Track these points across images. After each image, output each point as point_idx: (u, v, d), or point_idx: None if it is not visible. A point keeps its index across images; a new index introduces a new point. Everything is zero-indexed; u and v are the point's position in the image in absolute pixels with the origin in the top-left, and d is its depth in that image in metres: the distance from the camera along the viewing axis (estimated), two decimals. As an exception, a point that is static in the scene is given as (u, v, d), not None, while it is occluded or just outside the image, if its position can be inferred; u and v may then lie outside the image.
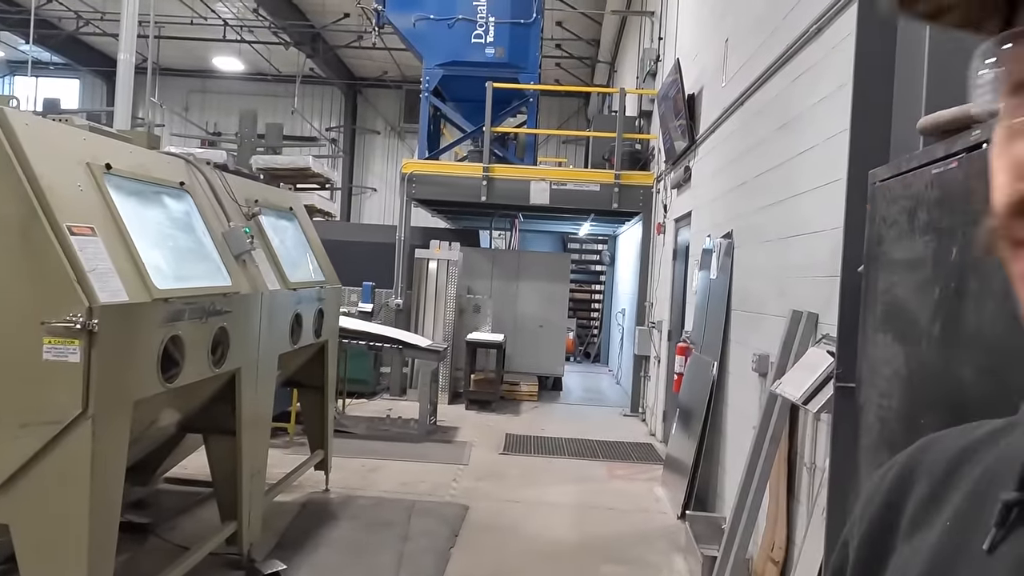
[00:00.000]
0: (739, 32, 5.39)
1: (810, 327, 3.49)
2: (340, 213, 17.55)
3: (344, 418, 7.68)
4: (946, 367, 1.58)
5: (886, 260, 1.91)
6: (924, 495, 0.53)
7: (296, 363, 4.86)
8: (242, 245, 3.71)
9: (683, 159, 7.26)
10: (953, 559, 0.47)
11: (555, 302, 10.98)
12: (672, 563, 4.62)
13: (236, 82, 18.87)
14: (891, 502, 0.55)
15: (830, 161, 3.31)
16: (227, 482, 3.75)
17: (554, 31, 14.82)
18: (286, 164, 10.72)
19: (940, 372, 1.60)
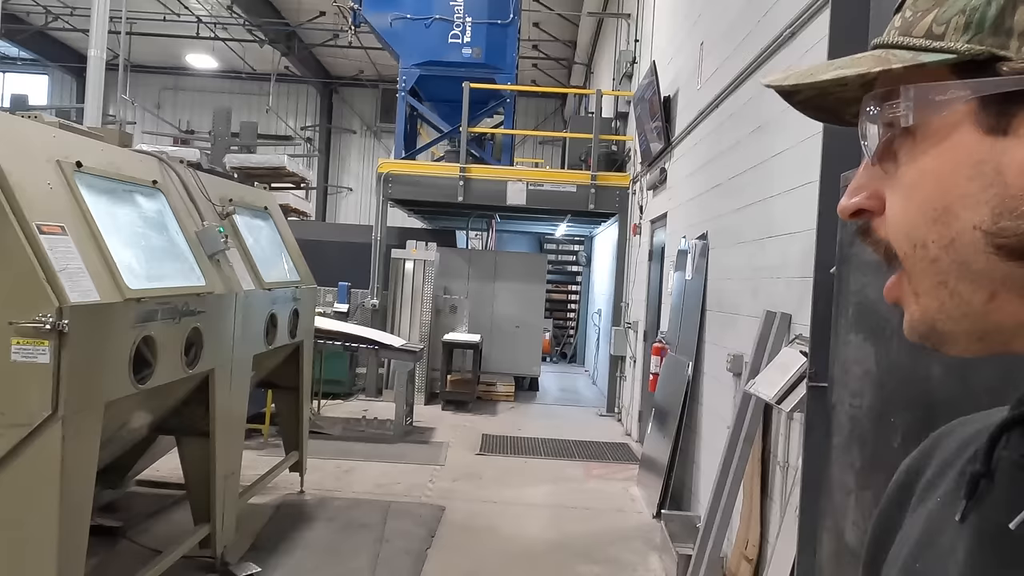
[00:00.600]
0: (714, 36, 5.44)
1: (783, 327, 3.53)
2: (315, 213, 17.42)
3: (319, 419, 7.62)
4: (915, 366, 1.61)
5: (858, 261, 1.94)
6: (932, 474, 0.57)
7: (271, 364, 4.82)
8: (216, 245, 3.67)
9: (659, 161, 7.32)
10: (937, 530, 0.51)
11: (532, 303, 11.00)
12: (648, 562, 4.65)
13: (210, 80, 18.65)
14: (906, 482, 0.60)
15: (803, 164, 3.36)
16: (200, 484, 3.71)
17: (531, 32, 14.85)
18: (261, 163, 10.62)
19: (909, 371, 1.63)
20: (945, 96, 0.43)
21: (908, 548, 0.53)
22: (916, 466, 0.60)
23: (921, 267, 0.45)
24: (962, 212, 0.42)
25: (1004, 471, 0.47)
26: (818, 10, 3.34)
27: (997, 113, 0.41)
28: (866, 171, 0.49)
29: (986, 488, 0.48)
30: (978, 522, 0.47)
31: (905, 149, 0.45)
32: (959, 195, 0.42)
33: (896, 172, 0.46)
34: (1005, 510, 0.45)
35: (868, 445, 1.79)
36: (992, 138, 0.41)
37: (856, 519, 1.80)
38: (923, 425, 1.55)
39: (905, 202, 0.45)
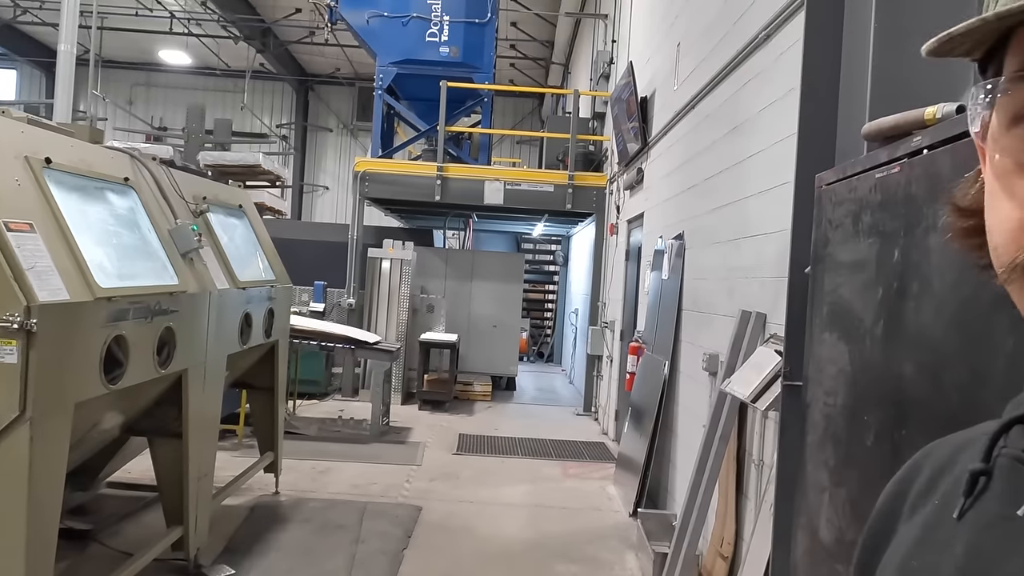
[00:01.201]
0: (690, 37, 5.48)
1: (758, 327, 3.56)
2: (291, 211, 17.26)
3: (295, 419, 7.56)
4: (888, 365, 1.63)
5: (832, 261, 1.96)
6: (924, 484, 0.56)
7: (245, 364, 4.77)
8: (189, 243, 3.62)
9: (636, 161, 7.35)
10: (934, 529, 0.51)
11: (509, 302, 11.00)
12: (624, 560, 4.67)
13: (183, 76, 18.40)
14: (898, 492, 0.59)
15: (778, 164, 3.39)
16: (173, 486, 3.66)
17: (508, 31, 14.84)
18: (235, 161, 10.48)
19: (882, 370, 1.65)
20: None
21: (905, 549, 0.53)
22: (907, 476, 0.59)
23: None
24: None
25: (1003, 467, 0.47)
26: (793, 12, 3.37)
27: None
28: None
29: (984, 486, 0.47)
30: (976, 517, 0.47)
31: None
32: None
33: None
34: (1005, 501, 0.45)
35: (842, 443, 1.81)
36: None
37: (830, 516, 1.82)
38: (895, 423, 1.57)
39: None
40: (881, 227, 1.68)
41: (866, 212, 1.76)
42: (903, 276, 1.56)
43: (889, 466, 1.56)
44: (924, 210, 1.50)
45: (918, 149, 1.56)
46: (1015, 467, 0.46)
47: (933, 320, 1.46)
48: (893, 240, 1.62)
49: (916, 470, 0.58)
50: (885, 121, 1.79)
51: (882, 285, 1.66)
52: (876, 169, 1.73)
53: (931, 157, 1.51)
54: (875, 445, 1.64)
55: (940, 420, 1.42)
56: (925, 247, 1.48)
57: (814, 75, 2.59)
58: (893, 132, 1.75)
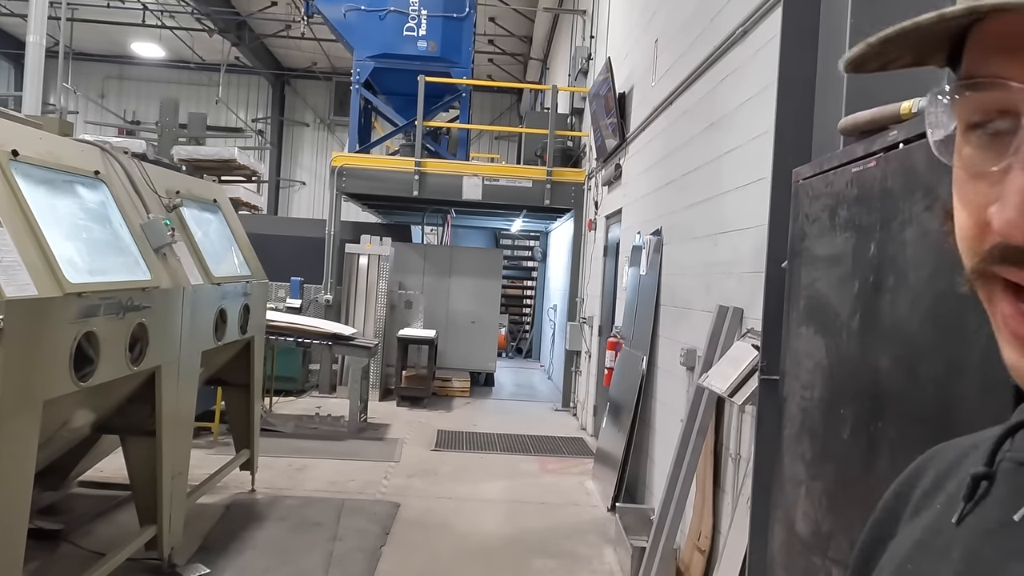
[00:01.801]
0: (668, 33, 5.49)
1: (735, 321, 3.58)
2: (267, 207, 17.10)
3: (271, 416, 7.49)
4: (864, 358, 1.64)
5: (809, 256, 1.97)
6: (928, 486, 0.55)
7: (220, 360, 4.71)
8: (162, 238, 3.56)
9: (614, 157, 7.36)
10: (934, 534, 0.50)
11: (487, 298, 10.98)
12: (602, 555, 4.69)
13: (156, 69, 18.13)
14: (900, 492, 0.58)
15: (755, 160, 3.41)
16: (146, 485, 3.61)
17: (487, 27, 14.79)
18: (210, 155, 10.36)
19: (859, 363, 1.66)
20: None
21: (903, 552, 0.52)
22: (911, 479, 0.58)
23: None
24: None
25: (1005, 471, 0.46)
26: (769, 9, 3.38)
27: None
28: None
29: (986, 491, 0.46)
30: (976, 522, 0.46)
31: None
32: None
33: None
34: (1006, 506, 0.43)
35: (819, 437, 1.82)
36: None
37: (807, 509, 1.83)
38: (871, 416, 1.58)
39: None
40: (857, 221, 1.69)
41: (842, 206, 1.77)
42: (879, 270, 1.57)
43: (865, 459, 1.57)
44: (900, 204, 1.51)
45: (894, 143, 1.57)
46: (1018, 471, 0.45)
47: (909, 313, 1.47)
48: (869, 234, 1.63)
49: (920, 472, 0.57)
50: (861, 116, 1.80)
51: (858, 279, 1.67)
52: (852, 163, 1.73)
53: (907, 151, 1.51)
54: (851, 438, 1.65)
55: (916, 413, 1.43)
56: (901, 241, 1.49)
57: (791, 71, 2.61)
58: (869, 127, 1.76)
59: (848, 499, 1.63)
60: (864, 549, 0.59)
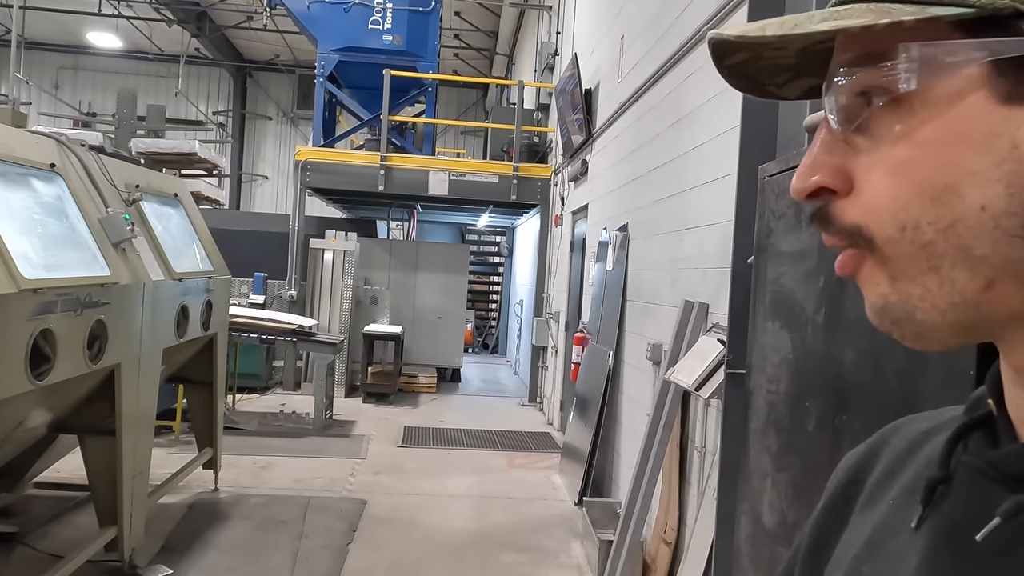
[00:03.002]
0: (634, 29, 5.52)
1: (701, 316, 3.62)
2: (229, 201, 16.82)
3: (235, 414, 7.38)
4: (829, 352, 1.67)
5: (774, 251, 2.00)
6: (881, 473, 0.54)
7: (182, 357, 4.63)
8: (121, 232, 3.48)
9: (580, 152, 7.39)
10: (888, 534, 0.49)
11: (454, 293, 10.96)
12: (570, 548, 4.71)
13: (113, 60, 17.70)
14: (853, 479, 0.57)
15: (721, 156, 3.45)
16: (106, 485, 3.53)
17: (452, 21, 14.73)
18: (170, 148, 10.15)
19: (823, 357, 1.69)
20: (957, 58, 0.38)
21: (856, 550, 0.51)
22: (863, 464, 0.57)
23: (909, 252, 0.40)
24: (968, 191, 0.37)
25: (963, 477, 0.45)
26: (735, 7, 3.42)
27: (1016, 79, 0.37)
28: (822, 147, 0.43)
29: (943, 494, 0.45)
30: (935, 530, 0.45)
31: (893, 120, 0.40)
32: (966, 172, 0.37)
33: (873, 147, 0.41)
34: (965, 518, 0.43)
35: (784, 429, 1.85)
36: (1007, 108, 0.37)
37: (772, 501, 1.86)
38: (836, 409, 1.61)
39: (892, 178, 0.40)
40: (822, 217, 1.72)
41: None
42: (844, 265, 1.60)
43: (830, 451, 1.60)
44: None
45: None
46: (976, 479, 0.44)
47: (872, 308, 1.50)
48: (834, 230, 1.65)
49: (873, 459, 0.57)
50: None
51: (823, 274, 1.69)
52: (817, 161, 1.76)
53: (871, 149, 1.54)
54: (816, 430, 1.68)
55: (879, 405, 1.46)
56: (865, 237, 1.52)
57: (756, 68, 2.63)
58: (834, 124, 1.78)
59: (813, 490, 1.66)
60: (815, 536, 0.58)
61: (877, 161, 0.41)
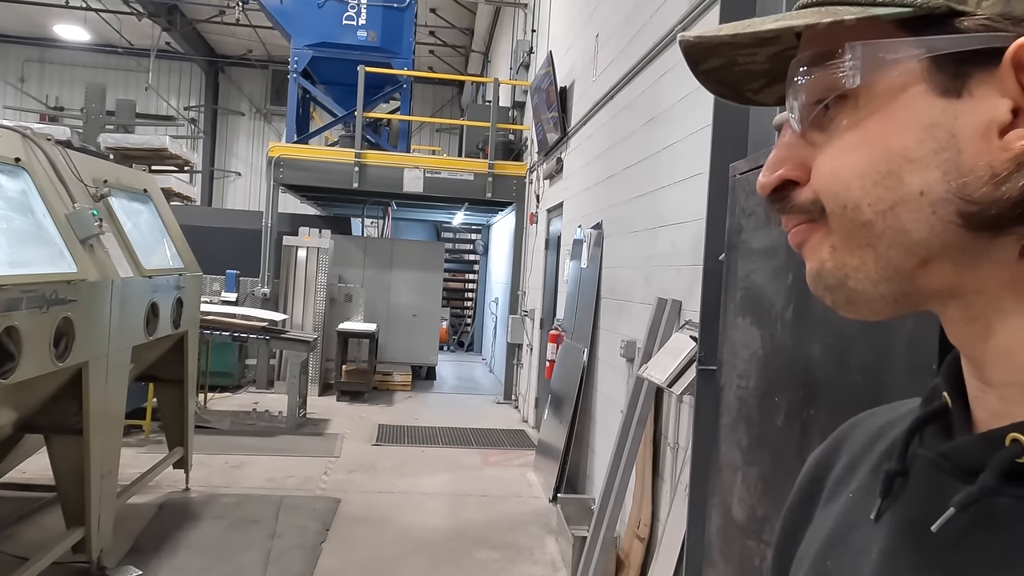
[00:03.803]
0: (608, 28, 5.54)
1: (674, 313, 3.65)
2: (201, 197, 16.62)
3: (206, 413, 7.30)
4: (797, 348, 1.69)
5: (745, 249, 2.02)
6: (842, 468, 0.55)
7: (152, 356, 4.56)
8: (89, 228, 3.42)
9: (555, 150, 7.40)
10: (849, 527, 0.49)
11: (429, 291, 10.93)
12: (544, 545, 4.73)
13: (81, 53, 17.37)
14: (816, 475, 0.58)
15: (693, 155, 3.48)
16: (73, 485, 3.47)
17: (428, 18, 14.68)
18: (140, 144, 9.99)
19: (792, 353, 1.71)
20: (897, 55, 0.40)
21: (819, 544, 0.52)
22: (825, 460, 0.59)
23: (849, 228, 0.42)
24: (908, 176, 0.40)
25: (919, 469, 0.46)
26: (707, 7, 3.45)
27: (952, 74, 0.39)
28: (786, 144, 0.46)
29: (901, 487, 0.46)
30: (893, 521, 0.46)
31: (843, 115, 0.42)
32: (906, 159, 0.40)
33: (827, 141, 0.43)
34: (921, 509, 0.44)
35: (754, 424, 1.87)
36: (945, 100, 0.39)
37: (743, 495, 1.89)
38: (804, 403, 1.63)
39: (839, 161, 0.42)
40: (791, 215, 1.74)
41: (777, 200, 1.82)
42: (812, 262, 1.62)
43: (798, 445, 1.63)
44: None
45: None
46: (931, 471, 0.45)
47: (839, 304, 1.52)
48: (802, 227, 1.68)
49: (835, 454, 0.58)
50: (795, 113, 1.85)
51: (792, 271, 1.72)
52: (787, 159, 1.78)
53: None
54: (785, 425, 1.71)
55: (846, 399, 1.48)
56: (832, 234, 1.54)
57: (728, 68, 2.66)
58: (803, 123, 1.81)
59: (782, 484, 1.69)
60: (783, 535, 0.59)
61: (832, 150, 0.43)
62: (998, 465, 0.39)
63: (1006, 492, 0.39)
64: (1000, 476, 0.39)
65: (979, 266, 0.40)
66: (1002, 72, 0.37)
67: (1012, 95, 0.38)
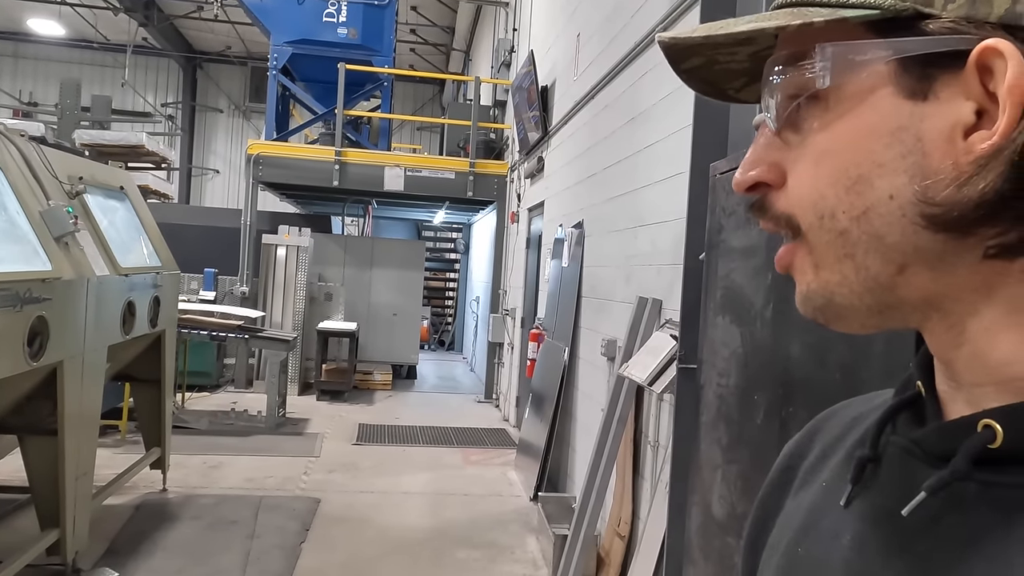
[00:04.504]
0: (590, 28, 5.56)
1: (655, 312, 3.67)
2: (179, 195, 16.44)
3: (184, 413, 7.22)
4: (776, 347, 1.71)
5: (725, 248, 2.04)
6: (815, 457, 0.56)
7: (129, 355, 4.51)
8: (64, 226, 3.37)
9: (536, 149, 7.41)
10: (821, 514, 0.50)
11: (409, 290, 10.89)
12: (525, 544, 4.73)
13: (56, 48, 17.11)
14: (789, 465, 0.59)
15: (673, 155, 3.49)
16: (48, 486, 3.42)
17: (409, 16, 14.62)
18: (116, 140, 9.88)
19: (771, 352, 1.73)
20: (865, 56, 0.40)
21: (791, 533, 0.52)
22: (799, 450, 0.59)
23: (827, 239, 0.42)
24: (878, 181, 0.40)
25: (891, 456, 0.46)
26: (688, 7, 3.47)
27: (919, 76, 0.39)
28: (762, 144, 0.46)
29: (872, 473, 0.47)
30: (864, 507, 0.46)
31: (814, 116, 0.43)
32: (875, 163, 0.40)
33: (801, 142, 0.43)
34: (892, 495, 0.44)
35: (734, 422, 1.89)
36: (912, 103, 0.39)
37: (723, 493, 1.90)
38: (783, 401, 1.64)
39: (813, 170, 0.43)
40: (771, 214, 1.76)
41: (757, 200, 1.84)
42: (791, 261, 1.64)
43: (777, 442, 1.64)
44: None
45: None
46: (903, 458, 0.45)
47: (818, 303, 1.54)
48: (782, 227, 1.69)
49: (808, 444, 0.59)
50: (775, 113, 1.86)
51: (771, 270, 1.73)
52: (766, 159, 1.80)
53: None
54: (764, 423, 1.72)
55: (824, 397, 1.50)
56: (811, 234, 1.55)
57: (708, 68, 2.67)
58: (782, 124, 1.82)
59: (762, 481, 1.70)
60: (755, 524, 0.60)
61: (802, 154, 0.43)
62: (969, 450, 0.40)
63: (975, 478, 0.40)
64: (971, 461, 0.39)
65: (955, 271, 0.40)
66: (966, 75, 0.38)
67: (976, 97, 0.38)
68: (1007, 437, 0.39)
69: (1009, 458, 0.39)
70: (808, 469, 0.56)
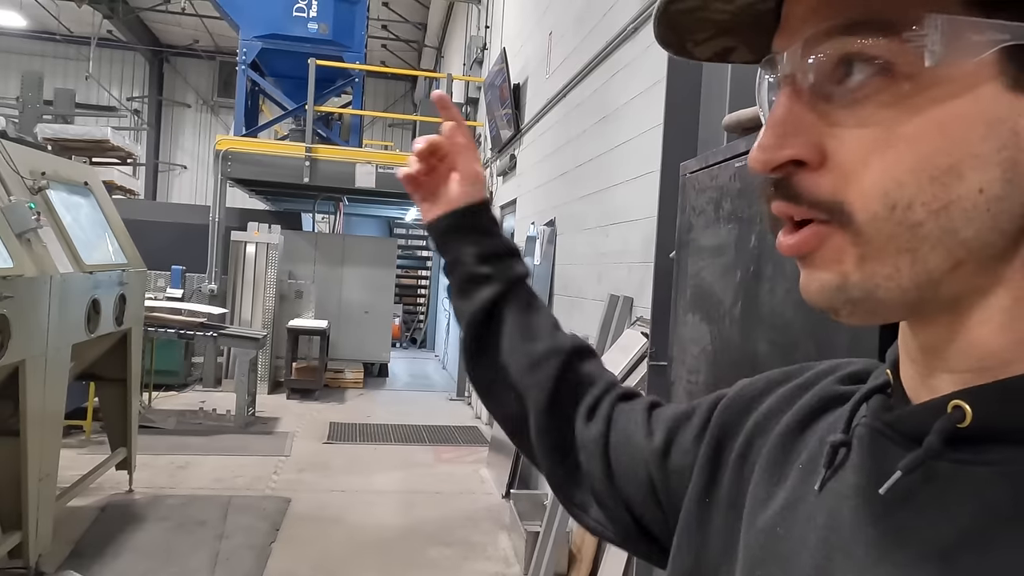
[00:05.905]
0: (562, 26, 5.57)
1: (626, 310, 3.69)
2: (145, 191, 16.16)
3: (150, 412, 7.11)
4: (744, 344, 1.73)
5: (695, 246, 2.06)
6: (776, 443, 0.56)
7: (94, 354, 4.43)
8: (26, 222, 3.31)
9: (509, 147, 7.41)
10: (798, 499, 0.50)
11: (381, 288, 10.83)
12: (497, 541, 4.74)
13: (16, 40, 16.70)
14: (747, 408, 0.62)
15: (644, 154, 3.52)
16: (9, 488, 3.35)
17: (380, 11, 14.52)
18: (80, 135, 9.69)
19: (740, 348, 1.75)
20: (982, 37, 0.36)
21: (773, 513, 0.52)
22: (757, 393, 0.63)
23: (891, 231, 0.39)
24: (970, 173, 0.37)
25: (862, 437, 0.47)
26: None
27: (1021, 67, 0.36)
28: (787, 118, 0.41)
29: (845, 457, 0.47)
30: (839, 488, 0.47)
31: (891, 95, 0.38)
32: (970, 154, 0.37)
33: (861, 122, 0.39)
34: (866, 475, 0.45)
35: (703, 418, 1.91)
36: (1013, 94, 0.36)
37: (692, 488, 1.92)
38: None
39: (889, 156, 0.38)
40: (739, 213, 1.78)
41: (726, 199, 1.86)
42: (759, 260, 1.66)
43: (745, 438, 1.66)
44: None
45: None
46: (873, 437, 0.46)
47: (784, 300, 1.56)
48: (750, 226, 1.72)
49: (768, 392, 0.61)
50: (743, 113, 1.89)
51: (740, 268, 1.75)
52: (735, 159, 1.82)
53: (784, 148, 1.60)
54: (733, 419, 1.74)
55: (790, 394, 1.52)
56: (778, 233, 1.58)
57: (679, 69, 2.70)
58: (751, 124, 1.85)
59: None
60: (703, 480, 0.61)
61: (861, 135, 0.39)
62: (942, 429, 0.40)
63: (948, 456, 0.40)
64: (943, 440, 0.40)
65: (1000, 269, 0.39)
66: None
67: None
68: (976, 416, 0.40)
69: (978, 436, 0.40)
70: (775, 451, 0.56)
